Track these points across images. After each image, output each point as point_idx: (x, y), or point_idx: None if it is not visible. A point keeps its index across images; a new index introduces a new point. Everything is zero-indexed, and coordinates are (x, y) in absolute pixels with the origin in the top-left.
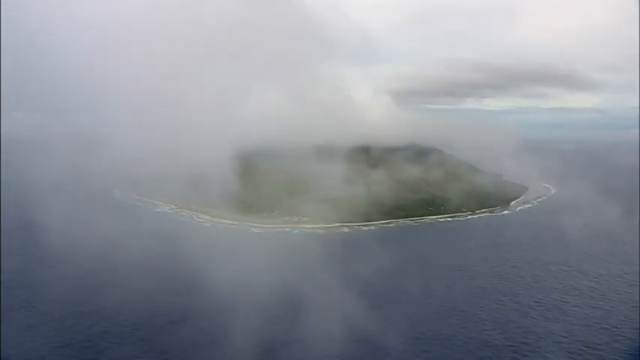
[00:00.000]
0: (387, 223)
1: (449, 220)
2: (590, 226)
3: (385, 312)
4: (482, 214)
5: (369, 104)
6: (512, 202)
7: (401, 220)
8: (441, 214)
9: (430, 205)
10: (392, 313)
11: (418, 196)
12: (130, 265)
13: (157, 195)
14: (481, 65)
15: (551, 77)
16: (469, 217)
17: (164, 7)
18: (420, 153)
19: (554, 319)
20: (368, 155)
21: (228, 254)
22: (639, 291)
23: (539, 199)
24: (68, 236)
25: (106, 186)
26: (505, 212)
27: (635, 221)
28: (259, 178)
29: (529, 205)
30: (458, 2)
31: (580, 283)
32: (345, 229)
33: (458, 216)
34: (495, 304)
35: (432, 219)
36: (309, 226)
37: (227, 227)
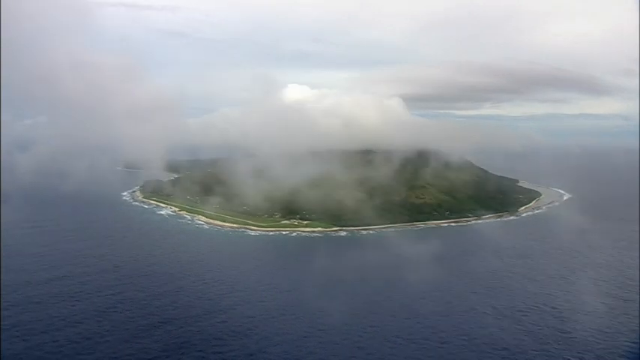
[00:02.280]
0: (387, 227)
1: (452, 225)
2: (591, 233)
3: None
4: (488, 220)
5: (382, 109)
6: (522, 208)
7: (403, 225)
8: (445, 219)
9: (435, 210)
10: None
11: (424, 200)
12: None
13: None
14: (499, 70)
15: (571, 82)
16: (473, 222)
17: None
18: (432, 158)
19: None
20: (373, 159)
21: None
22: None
23: (549, 205)
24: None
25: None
26: (511, 218)
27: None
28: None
29: (538, 211)
30: (478, 9)
31: (573, 290)
32: (343, 233)
33: (462, 221)
34: (484, 310)
35: (435, 223)
36: (307, 229)
37: (223, 230)
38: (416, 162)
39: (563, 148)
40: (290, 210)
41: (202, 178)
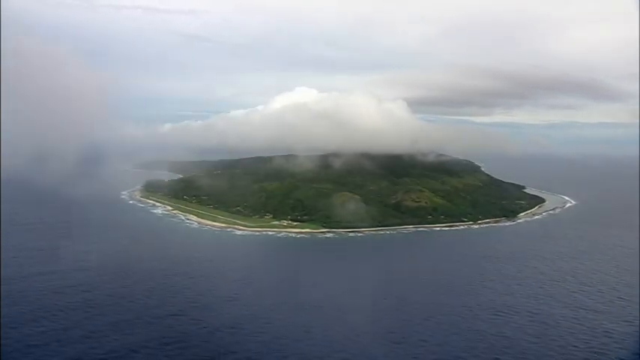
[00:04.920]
0: (377, 230)
1: (444, 229)
2: (586, 240)
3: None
4: (484, 225)
5: (384, 112)
6: (522, 213)
7: (395, 227)
8: (440, 223)
9: (430, 214)
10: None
11: (419, 203)
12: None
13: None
14: (508, 74)
15: (585, 89)
16: (467, 227)
17: None
18: (437, 162)
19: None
20: (373, 162)
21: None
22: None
23: (551, 212)
24: None
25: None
26: (508, 223)
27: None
28: None
29: (538, 217)
30: (493, 16)
31: (563, 293)
32: (330, 235)
33: (456, 225)
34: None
35: (427, 227)
36: (294, 230)
37: (210, 229)
38: (418, 165)
39: (577, 156)
40: (282, 211)
41: (200, 179)
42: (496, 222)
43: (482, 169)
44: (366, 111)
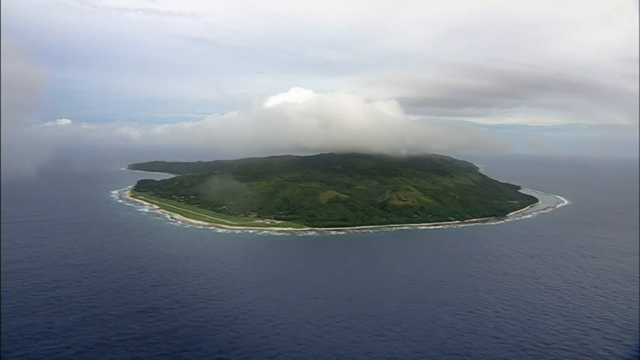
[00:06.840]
0: (361, 228)
1: (429, 228)
2: (565, 239)
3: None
4: (470, 224)
5: (374, 112)
6: (511, 213)
7: (379, 226)
8: (426, 222)
9: (417, 213)
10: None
11: (406, 202)
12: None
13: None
14: (514, 77)
15: (586, 90)
16: (454, 226)
17: None
18: (429, 162)
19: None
20: (363, 161)
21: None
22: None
23: (542, 211)
24: None
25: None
26: (494, 223)
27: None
28: None
29: (527, 216)
30: (495, 17)
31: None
32: (311, 233)
33: (441, 224)
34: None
35: (412, 226)
36: (276, 229)
37: (193, 228)
38: (412, 165)
39: (576, 158)
40: (268, 210)
41: (190, 179)
42: (483, 221)
43: (482, 169)
44: (359, 111)
